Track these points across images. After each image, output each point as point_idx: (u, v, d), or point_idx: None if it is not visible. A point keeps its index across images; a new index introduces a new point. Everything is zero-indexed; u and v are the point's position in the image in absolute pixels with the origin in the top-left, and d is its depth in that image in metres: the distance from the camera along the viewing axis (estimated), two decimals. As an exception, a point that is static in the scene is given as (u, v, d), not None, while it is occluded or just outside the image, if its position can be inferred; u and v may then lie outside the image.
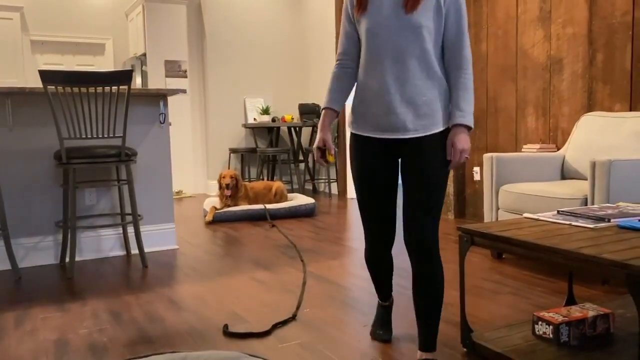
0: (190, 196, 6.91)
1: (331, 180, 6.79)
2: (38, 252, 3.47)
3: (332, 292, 2.76)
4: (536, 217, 2.09)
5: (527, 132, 4.20)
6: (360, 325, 2.29)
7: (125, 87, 3.15)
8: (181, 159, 6.99)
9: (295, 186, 6.79)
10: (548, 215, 2.09)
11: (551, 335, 1.89)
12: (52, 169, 3.49)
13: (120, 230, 3.70)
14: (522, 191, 3.15)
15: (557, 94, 3.95)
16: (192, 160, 7.08)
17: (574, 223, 1.94)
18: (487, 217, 3.43)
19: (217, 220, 4.93)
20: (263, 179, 6.94)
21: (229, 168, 7.00)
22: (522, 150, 4.01)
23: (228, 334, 2.21)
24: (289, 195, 5.60)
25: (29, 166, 3.42)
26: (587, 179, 3.25)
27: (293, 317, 2.38)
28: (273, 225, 3.97)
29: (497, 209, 3.36)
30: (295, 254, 3.57)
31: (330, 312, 2.45)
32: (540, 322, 1.93)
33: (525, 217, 2.12)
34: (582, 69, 3.75)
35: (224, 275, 3.11)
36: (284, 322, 2.32)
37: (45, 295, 2.82)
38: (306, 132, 7.23)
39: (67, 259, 3.44)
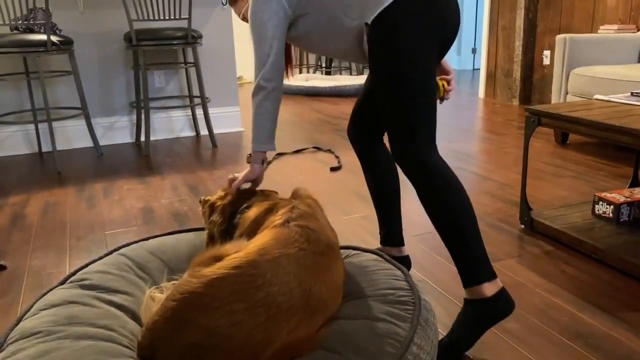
0: (250, 82, 6.99)
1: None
2: (115, 131, 3.71)
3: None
4: (607, 98, 2.04)
5: (606, 12, 3.91)
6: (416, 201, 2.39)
7: (189, -34, 3.14)
8: (240, 44, 6.97)
9: (354, 73, 6.71)
10: (620, 97, 2.03)
11: (611, 215, 1.93)
12: (124, 51, 3.61)
13: (190, 112, 3.87)
14: (595, 74, 3.02)
15: (645, -32, 3.61)
16: (250, 45, 7.04)
17: (648, 104, 1.89)
18: (555, 101, 3.34)
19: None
20: (322, 66, 6.88)
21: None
22: (599, 31, 3.77)
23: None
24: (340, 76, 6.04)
25: (102, 48, 3.55)
26: (667, 62, 3.06)
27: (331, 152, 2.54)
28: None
29: (566, 93, 3.26)
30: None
31: (391, 190, 2.57)
32: (601, 202, 1.96)
33: (596, 99, 2.08)
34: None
35: (289, 153, 3.26)
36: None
37: (126, 169, 3.07)
38: None
39: (142, 138, 3.67)
